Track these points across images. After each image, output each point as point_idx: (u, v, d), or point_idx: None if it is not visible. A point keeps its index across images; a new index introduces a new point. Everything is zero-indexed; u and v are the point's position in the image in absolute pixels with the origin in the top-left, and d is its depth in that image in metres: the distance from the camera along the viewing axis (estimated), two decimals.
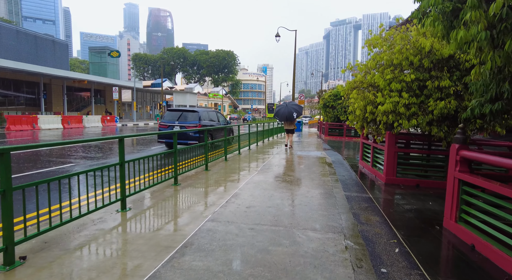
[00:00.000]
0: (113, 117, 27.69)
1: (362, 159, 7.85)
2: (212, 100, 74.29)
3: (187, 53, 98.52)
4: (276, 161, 8.07)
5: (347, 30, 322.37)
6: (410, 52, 5.31)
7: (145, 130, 23.34)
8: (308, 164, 7.74)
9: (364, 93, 6.00)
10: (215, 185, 5.35)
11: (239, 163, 7.77)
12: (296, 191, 4.89)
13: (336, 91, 18.68)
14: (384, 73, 5.58)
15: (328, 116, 18.79)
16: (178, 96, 44.87)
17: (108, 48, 45.69)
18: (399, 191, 5.21)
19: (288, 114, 10.96)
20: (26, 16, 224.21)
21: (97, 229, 3.20)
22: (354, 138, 18.09)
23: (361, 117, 6.41)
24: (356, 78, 6.52)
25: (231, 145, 10.08)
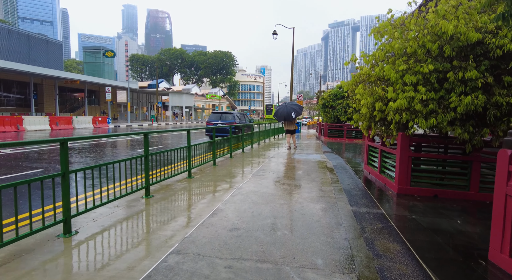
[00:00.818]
0: (105, 118, 26.75)
1: (367, 164, 6.98)
2: (210, 101, 73.43)
3: (184, 54, 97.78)
4: (273, 165, 7.20)
5: (345, 31, 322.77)
6: (427, 39, 4.46)
7: (137, 131, 22.44)
8: (307, 169, 6.86)
9: (372, 88, 5.14)
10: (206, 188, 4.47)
11: (236, 165, 6.90)
12: (293, 206, 4.01)
13: (336, 91, 17.85)
14: (396, 64, 4.72)
15: (327, 117, 17.96)
16: (174, 97, 43.97)
17: (103, 48, 44.71)
18: (416, 204, 4.34)
19: (286, 114, 10.60)
20: (23, 17, 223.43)
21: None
22: (354, 140, 17.25)
23: (367, 116, 5.55)
24: (361, 71, 5.66)
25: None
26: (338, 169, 7.01)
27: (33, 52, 42.32)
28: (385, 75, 4.89)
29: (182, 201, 4.24)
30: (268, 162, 7.89)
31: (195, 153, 6.09)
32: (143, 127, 28.82)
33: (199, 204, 4.07)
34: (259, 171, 6.47)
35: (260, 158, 8.64)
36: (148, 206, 3.94)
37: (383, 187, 5.45)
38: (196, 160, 6.21)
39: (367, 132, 6.19)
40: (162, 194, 4.52)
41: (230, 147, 8.61)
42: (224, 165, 7.30)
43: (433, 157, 5.13)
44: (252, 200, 4.25)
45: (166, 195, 4.48)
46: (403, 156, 4.86)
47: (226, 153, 8.57)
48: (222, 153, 8.33)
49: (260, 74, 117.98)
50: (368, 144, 6.89)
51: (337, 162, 8.19)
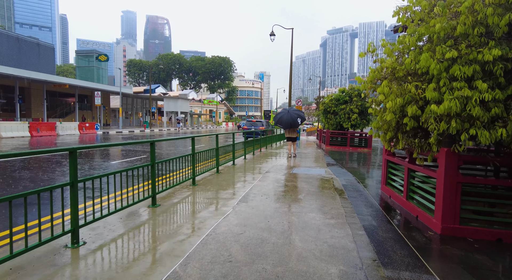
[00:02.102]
0: (93, 124, 25.26)
1: (386, 184, 5.53)
2: (207, 107, 72.19)
3: (182, 59, 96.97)
4: (265, 186, 5.73)
5: (343, 38, 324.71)
6: (489, 12, 3.05)
7: (128, 138, 20.94)
8: (310, 191, 5.40)
9: (403, 85, 3.71)
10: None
11: (220, 185, 5.44)
12: (291, 269, 2.54)
13: (338, 95, 16.48)
14: (438, 52, 3.32)
15: (329, 124, 16.55)
16: (169, 102, 42.60)
17: (96, 52, 43.37)
18: (478, 259, 2.87)
19: (292, 121, 10.44)
20: (22, 23, 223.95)
21: None
22: (359, 148, 15.82)
23: (393, 124, 4.12)
24: (383, 64, 4.25)
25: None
26: (349, 191, 5.54)
27: (23, 56, 40.96)
28: (421, 68, 3.48)
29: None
30: (262, 179, 6.42)
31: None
32: (134, 134, 27.33)
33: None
34: (249, 196, 5.01)
35: (255, 173, 7.18)
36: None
37: (416, 221, 3.99)
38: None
39: (390, 146, 4.74)
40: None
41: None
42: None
43: (493, 183, 3.66)
44: (232, 253, 2.77)
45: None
46: (449, 181, 3.40)
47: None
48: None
49: (258, 80, 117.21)
50: (388, 159, 5.44)
51: (346, 179, 6.73)
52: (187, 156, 5.61)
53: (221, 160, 7.68)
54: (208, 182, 6.13)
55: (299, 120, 10.57)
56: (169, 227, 3.45)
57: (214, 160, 7.13)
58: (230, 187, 5.71)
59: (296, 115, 10.54)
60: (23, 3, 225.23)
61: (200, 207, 4.29)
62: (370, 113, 14.23)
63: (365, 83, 4.42)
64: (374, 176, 7.57)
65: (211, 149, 6.91)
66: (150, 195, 4.23)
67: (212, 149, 6.94)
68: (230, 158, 8.51)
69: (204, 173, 6.48)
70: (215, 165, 7.15)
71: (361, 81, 4.46)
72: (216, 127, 56.52)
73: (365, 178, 7.43)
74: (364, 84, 4.41)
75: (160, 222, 3.64)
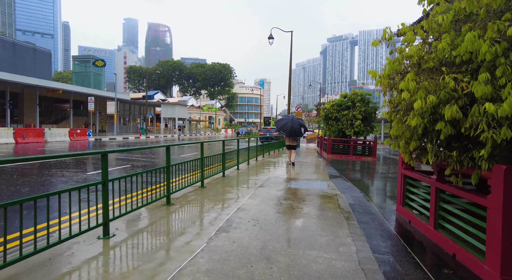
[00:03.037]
0: (85, 130, 24.29)
1: (402, 204, 4.49)
2: (206, 113, 71.44)
3: (182, 66, 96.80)
4: (255, 207, 4.69)
5: (343, 46, 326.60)
6: None
7: (121, 145, 19.93)
8: (309, 214, 4.36)
9: (436, 80, 2.72)
10: None
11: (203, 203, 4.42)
12: None
13: (340, 101, 15.53)
14: (491, 28, 2.34)
15: (331, 131, 15.55)
16: (167, 108, 41.74)
17: (93, 57, 42.61)
18: None
19: (296, 129, 10.21)
20: (24, 30, 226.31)
21: None
22: (363, 157, 14.79)
23: (419, 131, 3.10)
24: (406, 52, 3.25)
25: None
26: (358, 213, 4.50)
27: (19, 61, 40.34)
28: (461, 54, 2.50)
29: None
30: (254, 196, 5.38)
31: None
32: (127, 141, 26.34)
33: None
34: (232, 221, 3.98)
35: (247, 188, 6.15)
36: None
37: (453, 261, 2.94)
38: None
39: (410, 158, 3.70)
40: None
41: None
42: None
43: None
44: None
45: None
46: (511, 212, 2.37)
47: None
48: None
49: (258, 87, 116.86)
50: (406, 174, 4.41)
51: (353, 195, 5.69)
52: (161, 169, 4.59)
53: (209, 171, 6.66)
54: (188, 199, 5.09)
55: (302, 130, 10.42)
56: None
57: (199, 172, 6.12)
58: (212, 207, 4.67)
59: (300, 125, 10.38)
60: (26, 10, 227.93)
61: (163, 241, 3.24)
62: (374, 119, 13.10)
63: (381, 78, 3.42)
64: (385, 191, 6.53)
65: (194, 160, 5.89)
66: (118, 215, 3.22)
67: (194, 159, 5.91)
68: (222, 168, 7.48)
69: (186, 187, 5.45)
70: (199, 178, 6.12)
71: (376, 76, 3.46)
72: (215, 134, 55.56)
73: (374, 193, 6.40)
74: (380, 79, 3.42)
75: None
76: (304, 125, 10.72)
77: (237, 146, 9.07)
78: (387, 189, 6.78)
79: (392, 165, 12.50)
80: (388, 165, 12.48)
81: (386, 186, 7.25)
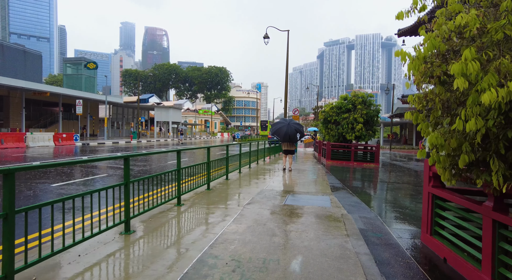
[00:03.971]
0: (71, 134, 23.08)
1: (431, 232, 3.43)
2: (202, 117, 70.38)
3: (178, 69, 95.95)
4: (237, 240, 3.60)
5: (340, 50, 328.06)
6: None
7: (110, 151, 18.74)
8: (310, 249, 3.28)
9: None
10: None
11: None
12: None
13: (340, 103, 14.51)
14: None
15: (330, 135, 14.51)
16: (160, 112, 40.60)
17: (84, 59, 41.49)
18: None
19: (292, 134, 9.49)
20: (20, 33, 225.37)
21: None
22: (365, 163, 13.75)
23: (477, 138, 2.04)
24: (457, 21, 2.20)
25: None
26: (374, 245, 3.42)
27: (9, 63, 39.09)
28: None
29: None
30: (238, 220, 4.29)
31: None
32: (117, 145, 25.15)
33: None
34: (200, 270, 2.89)
35: (231, 206, 5.07)
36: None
37: None
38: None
39: (451, 176, 2.62)
40: None
41: None
42: None
43: None
44: None
45: None
46: None
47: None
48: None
49: (254, 90, 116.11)
50: (436, 195, 3.35)
51: (363, 216, 4.61)
52: (118, 186, 3.51)
53: (189, 183, 5.56)
54: (154, 225, 3.99)
55: (298, 136, 9.68)
56: None
57: (175, 185, 5.02)
58: (182, 237, 3.57)
59: (296, 130, 9.62)
60: (21, 14, 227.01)
61: None
62: (376, 123, 11.47)
63: (414, 60, 2.35)
64: (400, 209, 5.46)
65: (169, 172, 4.80)
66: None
67: (168, 171, 4.82)
68: (207, 179, 6.39)
69: (158, 206, 4.36)
70: (175, 193, 5.02)
71: (406, 59, 2.38)
72: (211, 138, 54.41)
73: (388, 213, 5.31)
74: (413, 63, 2.35)
75: None
76: (301, 131, 9.86)
77: (226, 152, 7.98)
78: (402, 205, 5.73)
79: (399, 173, 11.47)
80: (394, 173, 11.44)
81: (399, 201, 6.19)
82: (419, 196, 6.54)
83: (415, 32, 20.58)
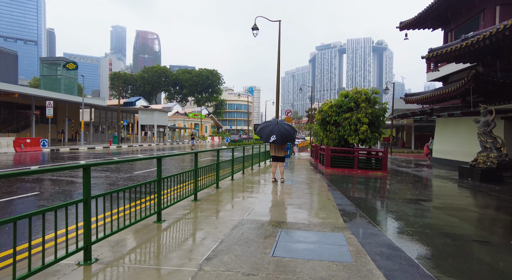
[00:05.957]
0: (37, 140, 20.51)
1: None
2: (192, 121, 67.93)
3: (168, 72, 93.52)
4: None
5: (332, 54, 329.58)
6: None
7: (66, 159, 16.25)
8: None
9: None
10: None
11: None
12: None
13: (341, 101, 12.40)
14: None
15: (329, 138, 12.37)
16: (145, 115, 38.12)
17: (64, 59, 38.81)
18: None
19: (281, 137, 7.62)
20: (6, 36, 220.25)
21: None
22: (370, 171, 11.65)
23: None
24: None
25: None
26: None
27: None
28: None
29: None
30: None
31: None
32: (94, 151, 22.63)
33: None
34: None
35: (187, 263, 2.85)
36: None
37: None
38: None
39: None
40: None
41: None
42: None
43: None
44: None
45: None
46: None
47: None
48: None
49: (246, 93, 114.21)
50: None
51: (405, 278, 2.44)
52: None
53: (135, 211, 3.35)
54: None
55: (289, 137, 7.80)
56: None
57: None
58: None
59: (286, 132, 7.73)
60: (7, 16, 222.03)
61: None
62: (382, 124, 9.70)
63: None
64: (478, 263, 3.29)
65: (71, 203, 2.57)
66: None
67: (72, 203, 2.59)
68: (156, 206, 4.17)
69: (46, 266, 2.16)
70: (82, 245, 2.79)
71: None
72: (200, 142, 51.94)
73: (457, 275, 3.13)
74: None
75: None
76: (291, 133, 7.87)
77: (194, 165, 5.73)
78: (473, 253, 3.58)
79: (418, 185, 9.39)
80: (412, 185, 9.35)
81: (465, 244, 4.03)
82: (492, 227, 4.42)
83: (419, 25, 18.82)
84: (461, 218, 5.07)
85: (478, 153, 10.67)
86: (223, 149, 9.04)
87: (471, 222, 5.03)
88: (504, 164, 9.90)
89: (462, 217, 5.16)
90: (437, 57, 11.52)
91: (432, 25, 17.36)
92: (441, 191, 8.16)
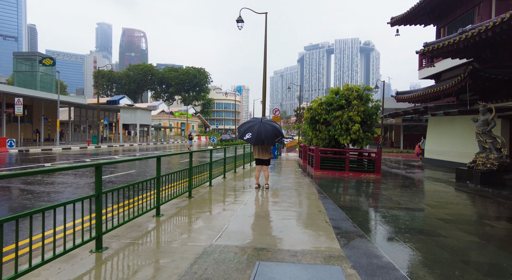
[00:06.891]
0: (3, 140, 18.85)
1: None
2: (178, 120, 66.26)
3: (154, 70, 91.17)
4: None
5: (320, 54, 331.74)
6: None
7: (30, 161, 14.77)
8: None
9: None
10: None
11: None
12: None
13: (331, 98, 11.51)
14: None
15: (319, 138, 11.45)
16: (127, 114, 36.47)
17: (40, 54, 36.64)
18: None
19: (265, 135, 6.68)
20: None
21: None
22: (363, 174, 10.80)
23: None
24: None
25: None
26: None
27: None
28: None
29: None
30: None
31: None
32: (68, 152, 21.05)
33: None
34: None
35: None
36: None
37: None
38: None
39: None
40: None
41: None
42: None
43: None
44: None
45: None
46: None
47: None
48: None
49: (236, 92, 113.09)
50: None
51: None
52: None
53: None
54: None
55: (275, 138, 6.83)
56: None
57: None
58: None
59: (272, 130, 6.84)
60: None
61: None
62: (375, 123, 8.57)
63: None
64: None
65: None
66: None
67: None
68: (94, 230, 3.11)
69: None
70: None
71: None
72: (186, 142, 50.46)
73: None
74: None
75: None
76: (279, 132, 7.00)
77: (156, 170, 4.64)
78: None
79: (415, 189, 8.57)
80: (409, 190, 8.51)
81: None
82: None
83: (411, 20, 18.20)
84: (481, 237, 4.18)
85: (477, 153, 9.97)
86: (202, 150, 7.95)
87: (493, 241, 4.15)
88: (505, 166, 9.21)
89: (480, 235, 4.27)
90: (433, 51, 10.79)
91: (424, 21, 16.74)
92: (445, 198, 7.32)
